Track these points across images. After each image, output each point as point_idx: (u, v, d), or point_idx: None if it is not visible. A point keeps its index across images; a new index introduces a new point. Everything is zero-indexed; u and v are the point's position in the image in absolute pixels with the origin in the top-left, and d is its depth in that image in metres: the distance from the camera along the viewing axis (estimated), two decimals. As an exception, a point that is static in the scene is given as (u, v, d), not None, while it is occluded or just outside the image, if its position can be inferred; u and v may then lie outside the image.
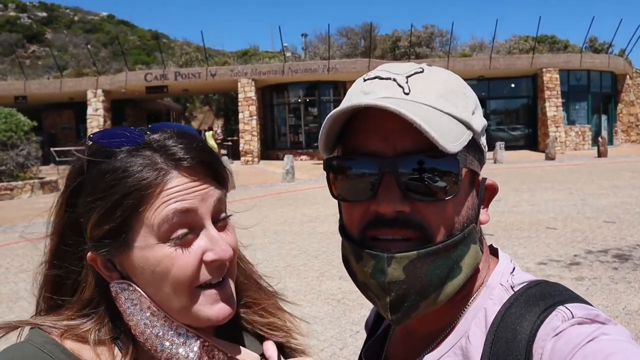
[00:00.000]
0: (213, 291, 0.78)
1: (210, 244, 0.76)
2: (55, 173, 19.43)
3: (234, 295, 0.82)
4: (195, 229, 0.76)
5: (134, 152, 0.75)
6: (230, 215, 0.83)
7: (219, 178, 0.81)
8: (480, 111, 0.78)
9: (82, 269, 0.79)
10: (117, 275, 0.78)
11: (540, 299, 0.71)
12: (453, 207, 0.72)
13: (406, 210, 0.70)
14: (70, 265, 0.79)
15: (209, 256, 0.76)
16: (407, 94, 0.71)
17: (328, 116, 0.71)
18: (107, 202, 0.73)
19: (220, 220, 0.80)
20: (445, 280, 0.72)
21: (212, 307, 0.77)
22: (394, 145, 0.70)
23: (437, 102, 0.71)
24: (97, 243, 0.75)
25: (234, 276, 0.84)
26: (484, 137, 0.79)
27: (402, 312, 0.72)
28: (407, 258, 0.69)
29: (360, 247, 0.73)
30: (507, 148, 23.87)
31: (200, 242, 0.76)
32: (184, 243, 0.75)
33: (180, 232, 0.75)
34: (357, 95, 0.74)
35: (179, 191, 0.74)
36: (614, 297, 5.23)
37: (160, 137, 0.78)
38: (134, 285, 0.77)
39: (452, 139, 0.67)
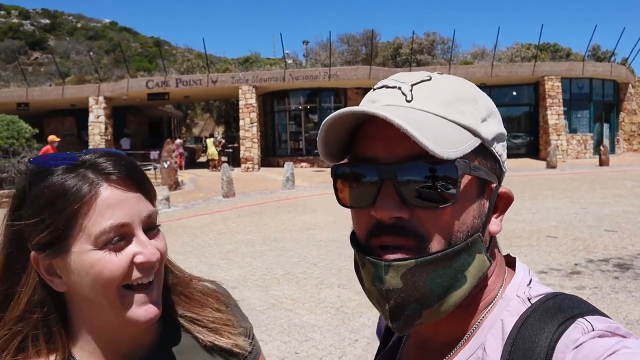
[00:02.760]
0: (141, 295, 0.87)
1: (140, 247, 0.86)
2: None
3: (160, 299, 0.91)
4: (127, 236, 0.86)
5: (69, 170, 0.86)
6: (159, 225, 0.94)
7: (147, 192, 0.92)
8: (495, 119, 0.77)
9: (24, 279, 0.88)
10: (57, 280, 0.87)
11: (558, 311, 0.70)
12: (453, 215, 0.71)
13: (404, 216, 0.70)
14: (16, 276, 0.88)
15: (138, 258, 0.86)
16: (409, 101, 0.72)
17: (322, 122, 0.72)
18: (48, 214, 0.83)
19: (151, 230, 0.91)
20: (448, 289, 0.71)
21: (139, 309, 0.87)
22: (394, 152, 0.71)
23: (439, 110, 0.71)
24: (40, 248, 0.85)
25: (161, 281, 0.94)
26: (501, 144, 0.78)
27: (403, 319, 0.71)
28: (405, 266, 0.69)
29: (363, 255, 0.73)
30: (509, 156, 21.75)
31: (131, 247, 0.86)
32: (117, 248, 0.85)
33: (114, 239, 0.85)
34: (365, 103, 0.76)
35: (111, 203, 0.85)
36: (614, 306, 5.21)
37: (91, 157, 0.89)
38: None
39: (447, 146, 0.67)
